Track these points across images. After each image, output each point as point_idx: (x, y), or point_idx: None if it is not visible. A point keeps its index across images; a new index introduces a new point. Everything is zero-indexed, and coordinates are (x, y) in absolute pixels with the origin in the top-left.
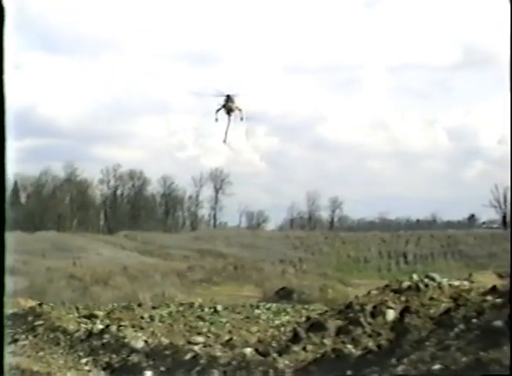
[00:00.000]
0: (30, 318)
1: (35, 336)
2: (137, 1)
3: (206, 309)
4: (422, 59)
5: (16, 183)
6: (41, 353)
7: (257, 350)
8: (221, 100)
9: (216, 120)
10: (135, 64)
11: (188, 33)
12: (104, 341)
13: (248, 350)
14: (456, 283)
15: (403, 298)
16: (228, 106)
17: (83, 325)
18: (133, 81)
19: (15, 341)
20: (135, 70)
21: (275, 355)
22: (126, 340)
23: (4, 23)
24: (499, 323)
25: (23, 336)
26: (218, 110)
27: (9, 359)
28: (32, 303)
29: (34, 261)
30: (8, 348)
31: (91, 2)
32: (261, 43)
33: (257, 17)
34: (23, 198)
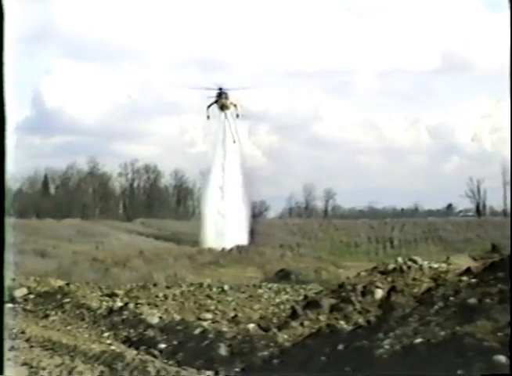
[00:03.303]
0: (58, 296)
1: (63, 312)
2: (154, 13)
3: (214, 289)
4: (406, 64)
5: (46, 176)
6: (68, 327)
7: (259, 325)
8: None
9: (208, 117)
10: (150, 69)
11: (197, 41)
12: (123, 317)
13: (251, 326)
14: (436, 265)
15: (389, 279)
16: (220, 102)
17: (104, 303)
18: (149, 84)
19: (46, 316)
20: (150, 74)
21: (275, 330)
22: (143, 316)
23: (4, 22)
24: (473, 300)
25: (53, 312)
26: (209, 106)
27: (41, 332)
28: (60, 283)
29: (62, 245)
30: (40, 323)
31: (112, 16)
32: (263, 51)
33: (259, 28)
34: (52, 189)
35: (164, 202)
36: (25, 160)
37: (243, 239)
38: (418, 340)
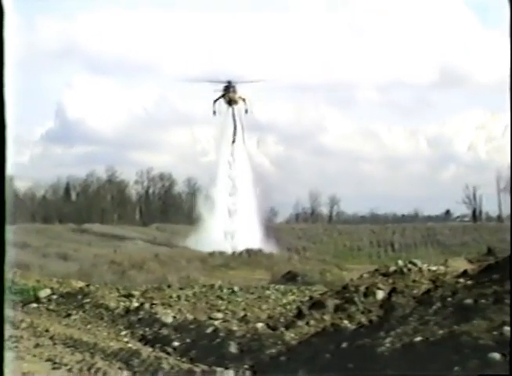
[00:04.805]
0: (79, 296)
1: (84, 312)
2: (169, 31)
3: (224, 290)
4: (406, 78)
5: (67, 184)
6: (88, 326)
7: (267, 325)
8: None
9: (214, 113)
10: (165, 83)
11: (209, 57)
12: (139, 316)
13: (260, 325)
14: (434, 267)
15: (390, 281)
16: (228, 96)
17: (122, 303)
18: (164, 97)
19: (68, 315)
20: (165, 88)
21: (282, 329)
22: (157, 316)
23: (4, 23)
24: (469, 301)
25: (75, 311)
26: (215, 101)
27: (63, 331)
28: (81, 284)
29: (83, 249)
30: (63, 322)
31: (130, 33)
32: (271, 67)
33: (268, 46)
34: (73, 196)
35: (178, 208)
36: (49, 168)
37: (254, 242)
38: (417, 338)
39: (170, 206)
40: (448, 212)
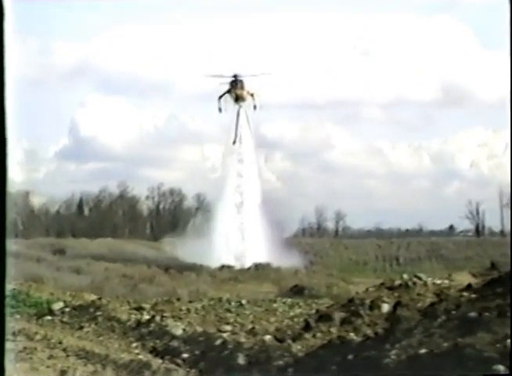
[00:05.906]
0: (91, 309)
1: (96, 324)
2: (178, 52)
3: (232, 303)
4: (409, 97)
5: (81, 199)
6: (100, 338)
7: (275, 337)
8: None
9: (219, 110)
10: (175, 102)
11: (216, 75)
12: (150, 329)
13: (268, 337)
14: (439, 281)
15: (396, 294)
16: (235, 92)
17: (133, 316)
18: (174, 116)
19: (81, 328)
20: (175, 106)
21: (290, 341)
22: (168, 328)
23: (3, 22)
24: (473, 314)
25: (87, 324)
26: (220, 97)
27: (76, 342)
28: (93, 297)
29: (95, 262)
30: (76, 334)
31: (142, 54)
32: (278, 86)
33: (276, 67)
34: (86, 211)
35: (188, 223)
36: (63, 184)
37: (262, 256)
38: (422, 350)
39: (179, 221)
40: (451, 227)
